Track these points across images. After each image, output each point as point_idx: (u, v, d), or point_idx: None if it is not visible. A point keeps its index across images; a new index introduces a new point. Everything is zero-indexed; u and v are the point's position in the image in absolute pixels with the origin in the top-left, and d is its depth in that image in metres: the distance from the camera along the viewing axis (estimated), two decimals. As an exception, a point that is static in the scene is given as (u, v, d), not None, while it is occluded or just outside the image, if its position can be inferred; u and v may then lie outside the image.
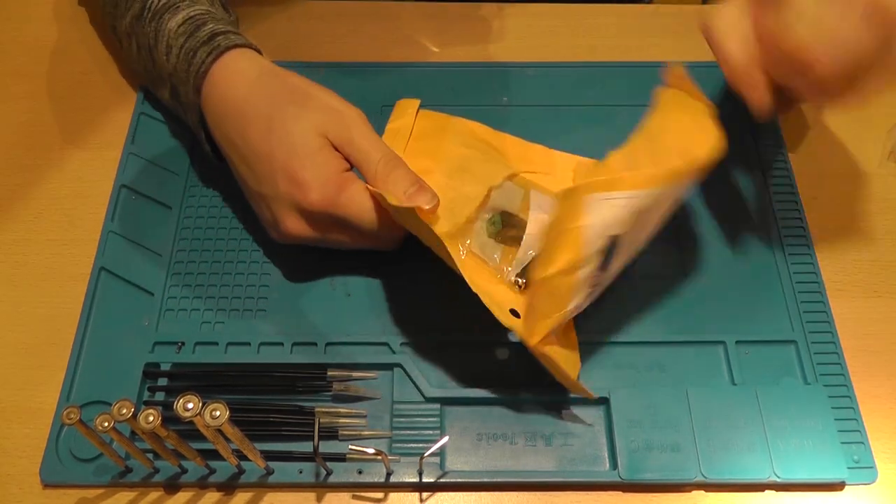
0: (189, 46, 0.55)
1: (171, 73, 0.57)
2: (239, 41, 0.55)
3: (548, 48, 0.70)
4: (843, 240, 0.59)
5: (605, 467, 0.50)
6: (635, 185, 0.46)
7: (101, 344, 0.54)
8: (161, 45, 0.57)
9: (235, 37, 0.56)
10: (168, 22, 0.57)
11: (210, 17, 0.57)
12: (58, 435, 0.51)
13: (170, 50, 0.56)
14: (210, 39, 0.55)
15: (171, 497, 0.50)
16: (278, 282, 0.57)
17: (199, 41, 0.55)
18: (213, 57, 0.54)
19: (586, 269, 0.47)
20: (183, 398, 0.41)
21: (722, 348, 0.54)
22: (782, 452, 0.50)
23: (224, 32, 0.56)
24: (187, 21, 0.56)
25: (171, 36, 0.56)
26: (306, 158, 0.51)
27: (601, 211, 0.45)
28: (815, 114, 0.66)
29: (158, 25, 0.57)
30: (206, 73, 0.54)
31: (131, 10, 0.59)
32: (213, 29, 0.56)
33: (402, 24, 0.71)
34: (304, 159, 0.51)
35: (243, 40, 0.56)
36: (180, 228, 0.59)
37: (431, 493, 0.50)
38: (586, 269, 0.47)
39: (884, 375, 0.54)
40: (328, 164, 0.51)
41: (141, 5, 0.59)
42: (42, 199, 0.61)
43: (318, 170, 0.51)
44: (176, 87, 0.57)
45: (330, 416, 0.51)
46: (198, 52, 0.54)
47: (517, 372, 0.53)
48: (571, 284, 0.47)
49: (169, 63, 0.56)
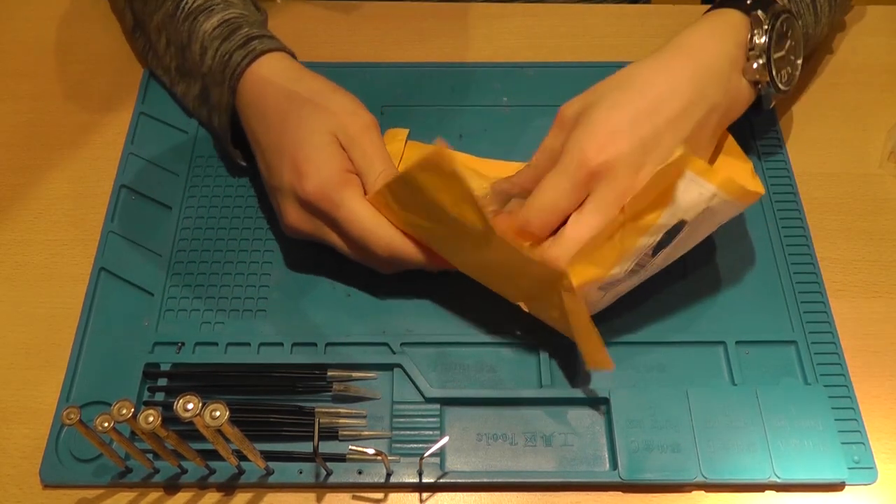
0: (225, 49, 0.57)
1: (205, 73, 0.58)
2: (273, 45, 0.57)
3: (548, 48, 0.70)
4: (843, 240, 0.59)
5: (605, 467, 0.50)
6: (722, 185, 0.47)
7: (101, 344, 0.54)
8: (195, 45, 0.58)
9: (270, 41, 0.57)
10: (203, 24, 0.58)
11: (244, 20, 0.59)
12: (58, 435, 0.51)
13: (205, 51, 0.58)
14: (245, 43, 0.56)
15: (171, 497, 0.50)
16: (278, 282, 0.57)
17: (235, 44, 0.56)
18: (248, 60, 0.55)
19: (651, 238, 0.48)
20: (183, 398, 0.41)
21: (722, 348, 0.54)
22: (782, 453, 0.50)
23: (259, 36, 0.57)
24: (223, 24, 0.58)
25: (205, 38, 0.58)
26: (311, 150, 0.52)
27: (689, 190, 0.46)
28: (815, 114, 0.66)
29: (192, 26, 0.59)
30: (241, 76, 0.55)
31: (163, 7, 0.61)
32: (249, 33, 0.57)
33: (403, 24, 0.71)
34: (309, 151, 0.52)
35: (277, 44, 0.58)
36: (180, 228, 0.59)
37: (431, 494, 0.50)
38: (650, 239, 0.48)
39: (884, 375, 0.54)
40: (332, 160, 0.52)
41: (174, 4, 0.60)
42: (42, 199, 0.61)
43: (320, 163, 0.51)
44: (209, 87, 0.59)
45: (330, 417, 0.51)
46: (233, 55, 0.56)
47: (517, 372, 0.53)
48: (636, 245, 0.47)
49: (204, 64, 0.58)
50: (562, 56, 0.69)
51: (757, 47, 0.54)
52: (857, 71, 0.68)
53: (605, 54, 0.69)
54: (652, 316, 0.55)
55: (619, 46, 0.70)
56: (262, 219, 0.60)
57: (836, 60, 0.69)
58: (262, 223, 0.59)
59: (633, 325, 0.55)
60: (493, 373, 0.53)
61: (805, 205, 0.60)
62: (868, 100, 0.67)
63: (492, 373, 0.53)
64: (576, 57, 0.69)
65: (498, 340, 0.54)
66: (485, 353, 0.54)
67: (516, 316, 0.55)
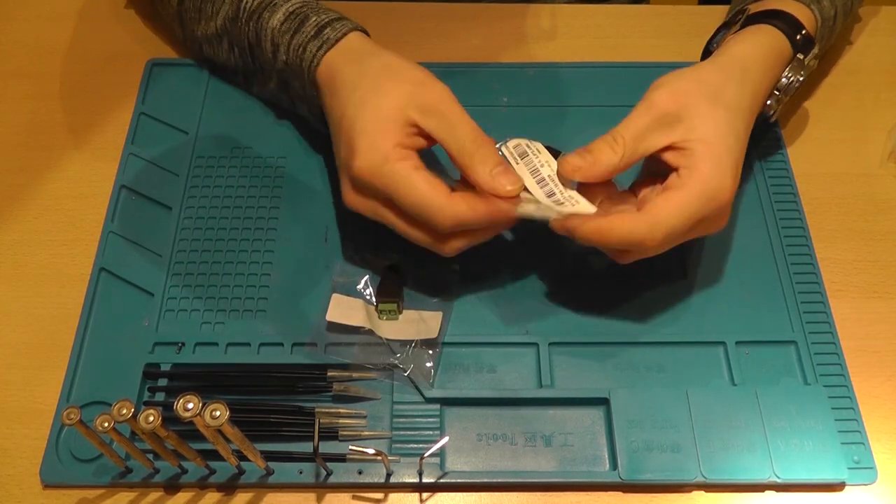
0: (297, 42, 0.56)
1: (280, 69, 0.58)
2: (344, 29, 0.56)
3: (548, 48, 0.70)
4: (843, 240, 0.59)
5: (605, 467, 0.50)
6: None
7: (101, 344, 0.54)
8: (265, 44, 0.58)
9: (340, 24, 0.56)
10: (269, 20, 0.58)
11: (309, 8, 0.58)
12: (58, 435, 0.51)
13: (276, 48, 0.58)
14: (318, 34, 0.56)
15: (172, 497, 0.50)
16: (278, 282, 0.57)
17: (307, 36, 0.56)
18: (324, 50, 0.55)
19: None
20: (183, 398, 0.41)
21: (722, 348, 0.54)
22: (782, 453, 0.50)
23: (329, 23, 0.56)
24: (289, 17, 0.57)
25: (275, 34, 0.58)
26: (367, 124, 0.50)
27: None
28: (815, 114, 0.66)
29: (258, 24, 0.58)
30: (318, 66, 0.55)
31: (221, 12, 0.61)
32: (318, 21, 0.56)
33: (402, 24, 0.71)
34: (364, 125, 0.50)
35: (348, 26, 0.56)
36: (180, 228, 0.59)
37: (431, 494, 0.50)
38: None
39: (884, 375, 0.54)
40: (385, 134, 0.50)
41: (235, 6, 0.60)
42: (42, 200, 0.61)
43: (371, 137, 0.50)
44: (288, 81, 0.59)
45: (330, 417, 0.51)
46: (307, 47, 0.56)
47: (517, 372, 0.53)
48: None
49: (278, 60, 0.58)
50: (562, 56, 0.69)
51: (782, 88, 0.56)
52: (857, 71, 0.68)
53: (605, 54, 0.69)
54: (652, 316, 0.55)
55: (618, 46, 0.70)
56: (262, 219, 0.60)
57: (836, 60, 0.69)
58: (262, 223, 0.59)
59: (634, 325, 0.55)
60: (493, 373, 0.53)
61: (805, 205, 0.60)
62: (868, 100, 0.67)
63: (492, 373, 0.53)
64: (576, 57, 0.69)
65: (498, 340, 0.54)
66: (485, 353, 0.54)
67: (516, 316, 0.55)
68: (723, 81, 0.52)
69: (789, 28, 0.56)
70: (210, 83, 0.67)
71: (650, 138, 0.50)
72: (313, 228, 0.59)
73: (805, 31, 0.56)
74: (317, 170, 0.62)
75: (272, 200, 0.60)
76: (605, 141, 0.50)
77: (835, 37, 0.64)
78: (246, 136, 0.64)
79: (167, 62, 0.68)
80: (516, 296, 0.56)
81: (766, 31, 0.56)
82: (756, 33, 0.56)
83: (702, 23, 0.61)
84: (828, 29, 0.60)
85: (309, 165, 0.62)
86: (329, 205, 0.60)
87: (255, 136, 0.64)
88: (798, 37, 0.56)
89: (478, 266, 0.57)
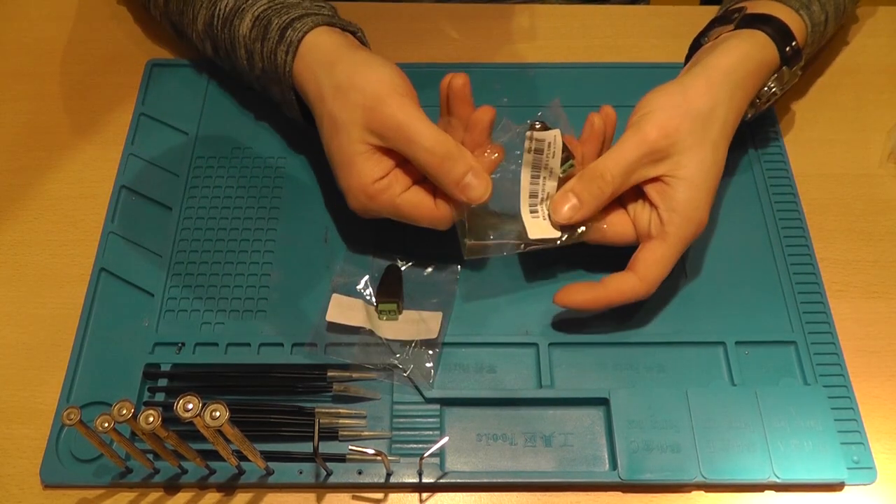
0: (267, 49, 0.57)
1: (258, 76, 0.59)
2: (306, 27, 0.55)
3: (548, 48, 0.70)
4: (842, 240, 0.59)
5: (604, 468, 0.50)
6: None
7: (101, 344, 0.54)
8: (240, 51, 0.59)
9: (301, 23, 0.56)
10: (239, 28, 0.58)
11: (273, 11, 0.57)
12: (58, 435, 0.51)
13: (251, 55, 0.58)
14: (281, 38, 0.56)
15: (172, 497, 0.50)
16: (278, 282, 0.57)
17: (273, 42, 0.56)
18: (291, 55, 0.55)
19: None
20: (183, 399, 0.41)
21: (722, 349, 0.54)
22: (782, 453, 0.50)
23: (290, 23, 0.56)
24: (255, 23, 0.58)
25: (246, 42, 0.58)
26: (342, 168, 0.53)
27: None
28: (815, 114, 0.66)
29: (231, 32, 0.59)
30: (292, 72, 0.56)
31: (200, 16, 0.61)
32: (280, 23, 0.56)
33: (402, 24, 0.71)
34: (341, 168, 0.53)
35: (310, 24, 0.56)
36: (180, 229, 0.59)
37: (431, 494, 0.50)
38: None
39: (884, 375, 0.54)
40: (360, 174, 0.52)
41: (210, 12, 0.60)
42: (42, 200, 0.61)
43: (350, 179, 0.52)
44: (267, 87, 0.59)
45: (330, 417, 0.51)
46: (277, 53, 0.56)
47: (517, 372, 0.53)
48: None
49: (255, 67, 0.58)
50: (562, 56, 0.69)
51: (763, 95, 0.57)
52: (856, 71, 0.68)
53: (605, 55, 0.69)
54: (652, 316, 0.55)
55: (618, 47, 0.70)
56: (262, 219, 0.60)
57: (836, 60, 0.69)
58: (262, 223, 0.59)
59: (633, 325, 0.55)
60: (493, 373, 0.53)
61: (805, 205, 0.60)
62: (868, 100, 0.67)
63: (492, 373, 0.53)
64: (576, 57, 0.69)
65: (498, 340, 0.54)
66: (485, 353, 0.54)
67: (516, 316, 0.55)
68: (712, 107, 0.53)
69: (780, 37, 0.56)
70: (210, 83, 0.67)
71: (639, 172, 0.53)
72: (313, 228, 0.59)
73: (795, 43, 0.56)
74: (317, 170, 0.62)
75: (272, 200, 0.60)
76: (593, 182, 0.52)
77: (826, 40, 0.64)
78: (246, 136, 0.64)
79: (167, 63, 0.68)
80: (516, 296, 0.56)
81: (757, 40, 0.56)
82: (747, 41, 0.56)
83: (702, 23, 0.61)
84: (818, 34, 0.60)
85: (309, 165, 0.62)
86: (329, 205, 0.60)
87: (255, 136, 0.64)
88: (788, 49, 0.56)
89: (478, 266, 0.57)
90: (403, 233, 0.58)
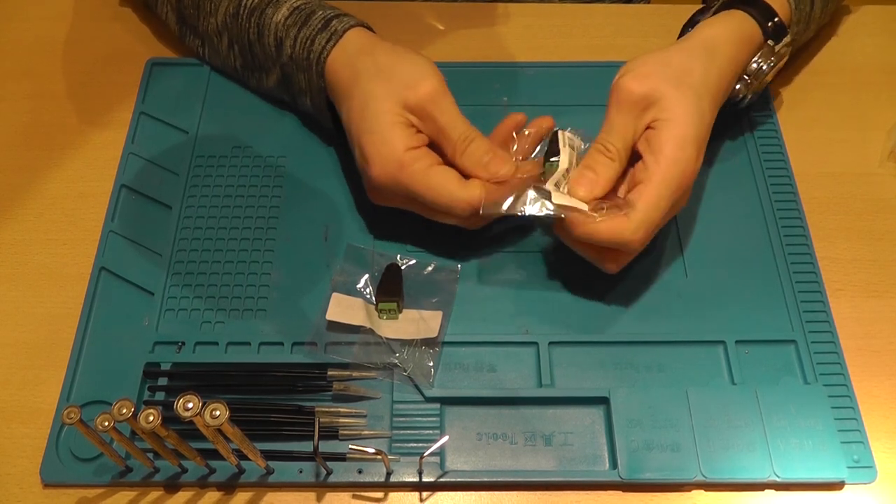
0: (305, 35, 0.58)
1: (285, 63, 0.60)
2: (352, 22, 0.58)
3: (548, 48, 0.70)
4: (842, 239, 0.59)
5: (604, 467, 0.50)
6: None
7: (101, 344, 0.54)
8: (267, 38, 0.60)
9: (348, 18, 0.59)
10: (273, 16, 0.59)
11: (315, 4, 0.60)
12: (58, 435, 0.51)
13: (280, 42, 0.59)
14: (325, 26, 0.57)
15: (172, 497, 0.50)
16: (278, 282, 0.57)
17: (315, 29, 0.58)
18: (333, 42, 0.57)
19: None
20: (183, 398, 0.41)
21: (722, 348, 0.54)
22: (782, 452, 0.50)
23: (337, 16, 0.58)
24: (294, 12, 0.59)
25: (279, 28, 0.59)
26: (374, 135, 0.53)
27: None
28: (814, 114, 0.66)
29: (261, 20, 0.60)
30: (328, 57, 0.57)
31: (221, 8, 0.62)
32: (325, 15, 0.58)
33: (402, 24, 0.71)
34: (372, 135, 0.53)
35: (355, 20, 0.59)
36: (180, 228, 0.59)
37: (431, 493, 0.50)
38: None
39: (884, 375, 0.54)
40: (393, 141, 0.53)
41: (236, 3, 0.61)
42: (42, 199, 0.61)
43: (382, 146, 0.53)
44: (291, 75, 0.60)
45: (330, 416, 0.51)
46: (316, 39, 0.57)
47: (517, 372, 0.53)
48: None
49: (283, 54, 0.59)
50: (562, 56, 0.69)
51: (752, 73, 0.57)
52: (856, 71, 0.68)
53: (604, 54, 0.69)
54: (652, 316, 0.55)
55: (618, 46, 0.70)
56: (262, 219, 0.60)
57: (836, 60, 0.69)
58: (262, 223, 0.59)
59: (633, 325, 0.55)
60: (493, 372, 0.53)
61: (805, 205, 0.60)
62: (868, 100, 0.67)
63: (492, 372, 0.53)
64: (576, 57, 0.69)
65: (498, 339, 0.54)
66: (485, 352, 0.54)
67: (516, 315, 0.55)
68: (688, 63, 0.54)
69: (761, 15, 0.57)
70: (210, 83, 0.67)
71: (634, 130, 0.53)
72: (313, 228, 0.59)
73: (777, 19, 0.57)
74: (317, 169, 0.62)
75: (272, 200, 0.60)
76: (600, 154, 0.52)
77: (816, 24, 0.64)
78: (246, 135, 0.64)
79: (167, 62, 0.68)
80: (516, 296, 0.56)
81: (737, 16, 0.57)
82: (726, 17, 0.57)
83: (702, 23, 0.61)
84: (804, 14, 0.60)
85: (309, 165, 0.62)
86: (329, 204, 0.60)
87: (255, 135, 0.64)
88: (770, 24, 0.57)
89: (478, 266, 0.57)
90: (404, 232, 0.58)
